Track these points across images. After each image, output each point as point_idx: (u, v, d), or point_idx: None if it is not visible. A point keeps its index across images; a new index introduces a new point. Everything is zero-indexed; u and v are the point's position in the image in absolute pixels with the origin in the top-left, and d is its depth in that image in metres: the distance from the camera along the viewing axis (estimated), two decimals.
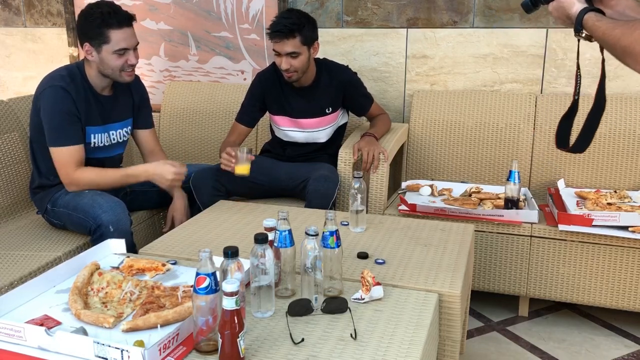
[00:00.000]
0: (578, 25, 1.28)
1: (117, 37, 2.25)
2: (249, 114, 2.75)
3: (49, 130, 2.26)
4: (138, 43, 2.34)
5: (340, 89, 2.70)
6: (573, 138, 1.46)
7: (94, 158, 2.36)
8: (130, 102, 2.50)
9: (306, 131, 2.74)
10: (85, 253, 1.78)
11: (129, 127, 2.51)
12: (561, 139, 1.47)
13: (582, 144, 1.42)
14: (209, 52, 3.42)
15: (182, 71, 3.50)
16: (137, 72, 3.48)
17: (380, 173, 2.57)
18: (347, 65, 2.79)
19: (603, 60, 1.31)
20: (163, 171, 2.28)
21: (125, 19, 2.27)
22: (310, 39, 2.55)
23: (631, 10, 1.32)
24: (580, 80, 1.44)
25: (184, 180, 2.48)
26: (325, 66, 2.71)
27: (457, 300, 1.64)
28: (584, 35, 1.30)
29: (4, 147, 2.58)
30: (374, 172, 2.55)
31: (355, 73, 2.80)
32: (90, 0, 2.37)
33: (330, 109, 2.71)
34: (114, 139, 2.44)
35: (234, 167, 2.42)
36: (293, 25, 2.47)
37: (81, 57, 2.38)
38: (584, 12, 1.28)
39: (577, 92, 1.45)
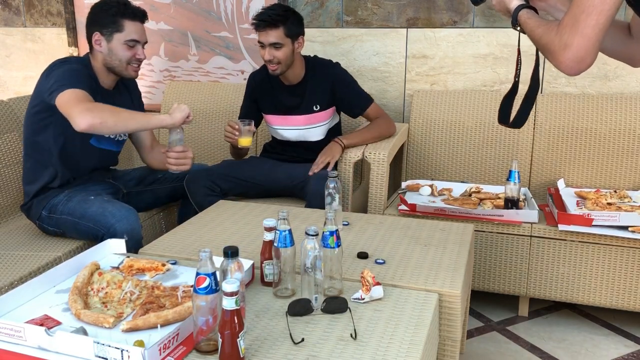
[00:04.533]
0: (514, 20, 1.45)
1: (131, 27, 2.29)
2: (247, 116, 2.76)
3: (58, 80, 2.13)
4: (147, 42, 2.37)
5: (328, 85, 2.68)
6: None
7: (95, 147, 2.34)
8: (129, 104, 2.47)
9: (297, 129, 2.74)
10: (85, 253, 1.78)
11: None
12: (503, 116, 1.65)
13: (520, 120, 1.58)
14: (209, 52, 3.42)
15: (182, 71, 3.50)
16: None
17: (380, 173, 2.57)
18: (337, 62, 2.77)
19: (537, 50, 1.46)
20: (172, 113, 2.17)
21: (140, 14, 2.33)
22: (295, 33, 2.57)
23: (561, 4, 1.50)
24: (520, 65, 1.61)
25: (179, 177, 2.53)
26: (313, 63, 2.72)
27: (457, 300, 1.64)
28: (518, 28, 1.46)
29: (4, 147, 2.57)
30: (309, 174, 2.51)
31: (345, 70, 2.77)
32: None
33: (318, 106, 2.69)
34: (115, 136, 2.42)
35: (237, 139, 2.51)
36: (277, 17, 2.52)
37: (82, 54, 2.37)
38: (519, 8, 1.44)
39: (517, 75, 1.62)
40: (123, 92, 2.47)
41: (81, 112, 2.01)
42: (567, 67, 1.26)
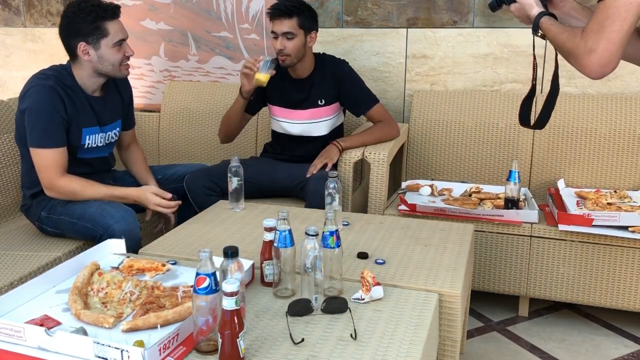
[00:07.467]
0: (535, 26, 1.51)
1: (114, 28, 2.23)
2: (253, 103, 2.77)
3: (33, 129, 2.19)
4: (128, 36, 2.32)
5: (334, 82, 2.70)
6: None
7: (84, 158, 2.32)
8: (119, 102, 2.46)
9: (300, 123, 2.74)
10: (85, 253, 1.78)
11: (119, 128, 2.47)
12: (523, 118, 1.71)
13: (542, 121, 1.65)
14: (209, 52, 3.42)
15: (182, 71, 3.50)
16: (137, 72, 3.52)
17: (380, 173, 2.57)
18: (345, 60, 2.79)
19: (557, 54, 1.50)
20: (147, 200, 2.29)
21: (117, 10, 2.27)
22: (308, 26, 2.61)
23: (575, 11, 1.57)
24: (536, 69, 1.70)
25: (179, 177, 2.58)
26: (323, 59, 2.75)
27: (457, 300, 1.64)
28: (539, 34, 1.52)
29: (4, 147, 2.58)
30: (307, 175, 2.57)
31: (353, 70, 2.78)
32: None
33: (323, 101, 2.71)
34: (107, 140, 2.40)
35: (255, 74, 2.54)
36: (292, 7, 2.56)
37: (64, 61, 2.32)
38: (540, 15, 1.50)
39: (534, 78, 1.69)
40: (113, 94, 2.42)
41: (46, 188, 2.23)
42: (592, 71, 1.32)
